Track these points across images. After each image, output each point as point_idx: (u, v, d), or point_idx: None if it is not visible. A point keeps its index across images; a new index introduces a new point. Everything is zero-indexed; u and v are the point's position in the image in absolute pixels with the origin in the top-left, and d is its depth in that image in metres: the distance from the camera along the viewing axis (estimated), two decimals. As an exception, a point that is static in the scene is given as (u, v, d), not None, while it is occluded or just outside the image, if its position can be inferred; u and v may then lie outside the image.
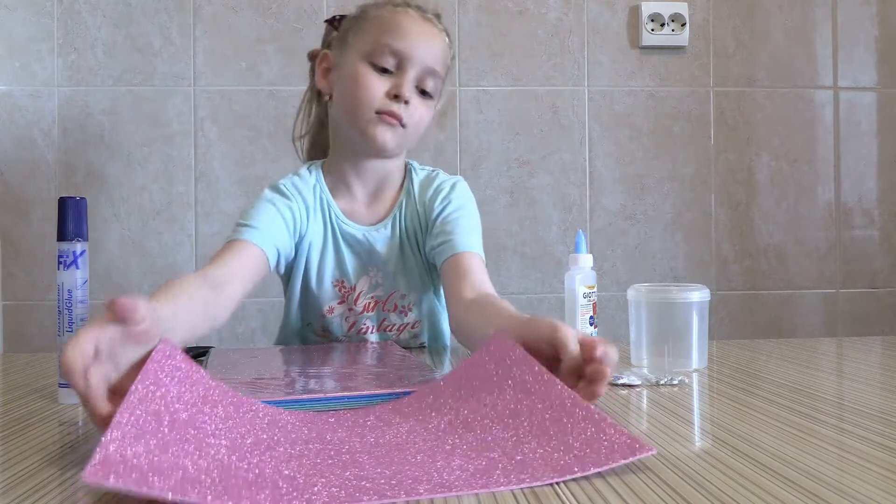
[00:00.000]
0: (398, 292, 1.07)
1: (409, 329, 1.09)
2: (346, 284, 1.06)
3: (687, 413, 0.67)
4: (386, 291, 1.07)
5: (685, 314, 0.87)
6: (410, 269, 1.07)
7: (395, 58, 0.98)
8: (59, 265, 0.73)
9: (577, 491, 0.45)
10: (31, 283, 1.56)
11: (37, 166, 1.56)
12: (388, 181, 1.08)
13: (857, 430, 0.59)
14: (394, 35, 0.98)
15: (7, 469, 0.52)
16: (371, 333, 1.07)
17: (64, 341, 0.72)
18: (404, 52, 0.98)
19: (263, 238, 0.97)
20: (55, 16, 1.56)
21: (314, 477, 0.47)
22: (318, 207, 1.05)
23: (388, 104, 0.98)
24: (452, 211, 1.04)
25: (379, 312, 1.07)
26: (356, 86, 0.99)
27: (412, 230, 1.06)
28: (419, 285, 1.08)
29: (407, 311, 1.08)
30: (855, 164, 1.69)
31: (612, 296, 1.62)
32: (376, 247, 1.05)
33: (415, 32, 0.99)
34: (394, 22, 0.99)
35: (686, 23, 1.63)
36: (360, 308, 1.06)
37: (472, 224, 1.05)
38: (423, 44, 0.99)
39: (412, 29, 0.99)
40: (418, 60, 0.98)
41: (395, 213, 1.06)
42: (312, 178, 1.07)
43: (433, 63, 1.00)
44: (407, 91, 0.98)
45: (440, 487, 0.45)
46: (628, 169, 1.65)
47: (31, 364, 0.96)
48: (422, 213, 1.06)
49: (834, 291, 1.69)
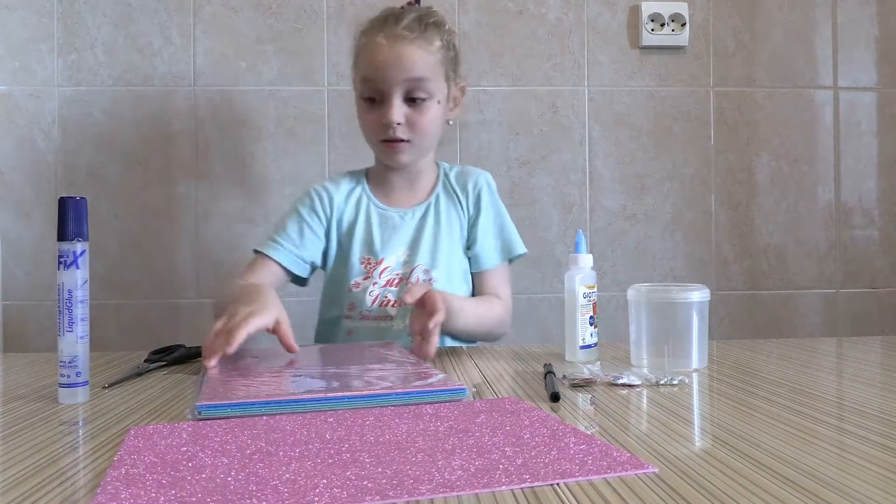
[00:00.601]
0: (422, 266, 1.17)
1: None
2: (371, 261, 1.17)
3: (687, 413, 0.67)
4: (410, 267, 1.17)
5: (685, 314, 0.87)
6: (439, 249, 1.18)
7: (376, 90, 1.12)
8: (59, 265, 0.73)
9: (577, 491, 0.45)
10: (31, 283, 1.56)
11: (37, 166, 1.56)
12: (421, 175, 1.23)
13: (857, 430, 0.59)
14: (369, 70, 1.12)
15: (7, 469, 0.52)
16: (392, 307, 1.15)
17: (65, 341, 0.72)
18: (380, 82, 1.11)
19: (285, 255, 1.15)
20: (55, 16, 1.56)
21: (315, 478, 0.47)
22: (354, 197, 1.22)
23: (385, 133, 1.13)
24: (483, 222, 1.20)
25: (402, 288, 1.15)
26: (361, 122, 1.17)
27: (450, 218, 1.21)
28: (446, 266, 1.18)
29: (428, 284, 1.14)
30: (855, 164, 1.69)
31: (612, 296, 1.62)
32: (406, 225, 1.19)
33: (385, 60, 1.11)
34: (368, 57, 1.13)
35: (686, 23, 1.63)
36: (383, 282, 1.16)
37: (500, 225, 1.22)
38: (395, 67, 1.10)
39: (381, 57, 1.11)
40: (396, 82, 1.11)
41: (431, 201, 1.21)
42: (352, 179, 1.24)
43: (413, 74, 1.11)
44: (394, 117, 1.11)
45: (441, 487, 0.45)
46: (628, 169, 1.65)
47: (31, 364, 0.96)
48: (462, 208, 1.22)
49: (834, 291, 1.69)
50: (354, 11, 1.59)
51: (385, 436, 0.58)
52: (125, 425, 0.64)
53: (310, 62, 1.59)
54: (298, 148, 1.59)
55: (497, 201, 1.24)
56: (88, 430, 0.63)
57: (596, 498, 0.44)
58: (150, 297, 1.57)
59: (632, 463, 0.50)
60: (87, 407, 0.71)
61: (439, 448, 0.54)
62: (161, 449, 0.55)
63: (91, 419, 0.67)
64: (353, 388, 0.70)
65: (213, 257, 1.58)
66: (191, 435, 0.59)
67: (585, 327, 0.93)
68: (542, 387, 0.78)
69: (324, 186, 1.22)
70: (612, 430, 0.61)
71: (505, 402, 0.70)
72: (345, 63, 1.59)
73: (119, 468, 0.50)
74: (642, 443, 0.56)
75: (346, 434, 0.58)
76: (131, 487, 0.46)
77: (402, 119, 1.12)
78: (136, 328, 1.57)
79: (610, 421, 0.64)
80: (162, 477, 0.48)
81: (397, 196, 1.22)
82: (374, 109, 1.13)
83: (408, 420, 0.63)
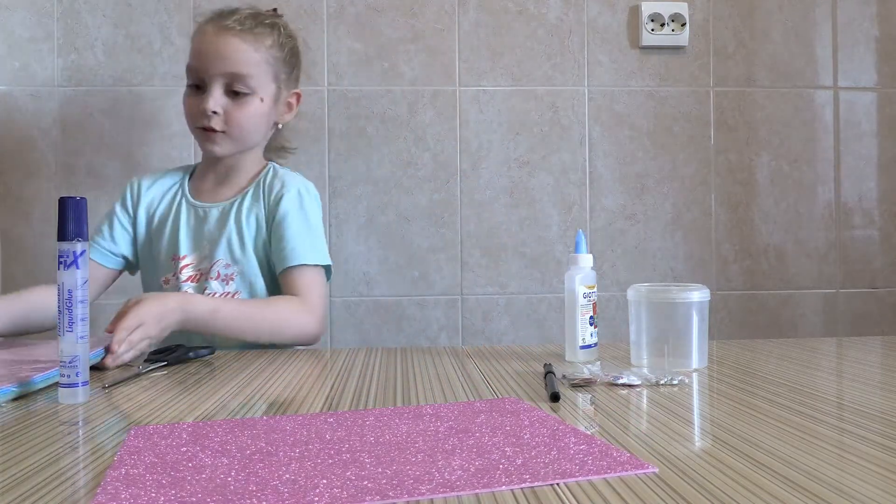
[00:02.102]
0: (222, 261, 1.18)
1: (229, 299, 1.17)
2: (177, 256, 1.20)
3: (687, 413, 0.67)
4: (210, 262, 1.18)
5: (685, 314, 0.87)
6: (239, 245, 1.18)
7: (197, 77, 1.16)
8: (59, 265, 0.73)
9: (577, 491, 0.45)
10: (31, 283, 1.55)
11: (37, 166, 1.56)
12: (237, 169, 1.23)
13: (857, 430, 0.59)
14: (194, 58, 1.17)
15: (7, 469, 0.52)
16: None
17: (65, 341, 0.72)
18: (202, 70, 1.15)
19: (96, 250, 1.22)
20: (55, 16, 1.56)
21: (315, 478, 0.47)
22: (171, 192, 1.25)
23: (201, 119, 1.15)
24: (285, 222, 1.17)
25: (202, 283, 1.18)
26: (184, 108, 1.20)
27: (253, 218, 1.19)
28: (244, 263, 1.18)
29: (229, 280, 1.18)
30: (855, 164, 1.69)
31: (612, 296, 1.62)
32: (210, 220, 1.20)
33: (207, 50, 1.14)
34: (193, 46, 1.17)
35: (686, 23, 1.63)
36: (183, 277, 1.18)
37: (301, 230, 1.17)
38: (216, 58, 1.14)
39: (205, 47, 1.15)
40: (216, 73, 1.14)
41: (239, 198, 1.21)
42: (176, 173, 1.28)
43: (233, 68, 1.14)
44: (211, 105, 1.14)
45: (441, 487, 0.45)
46: (628, 169, 1.65)
47: (31, 364, 0.96)
48: (266, 203, 1.20)
49: (834, 291, 1.69)
50: (354, 11, 1.59)
51: (385, 436, 0.58)
52: (125, 425, 0.64)
53: (310, 62, 1.58)
54: (298, 148, 1.58)
55: (305, 207, 1.20)
56: (88, 430, 0.63)
57: (596, 498, 0.44)
58: (150, 297, 1.57)
59: (632, 463, 0.50)
60: (87, 407, 0.71)
61: (439, 448, 0.54)
62: (161, 449, 0.55)
63: (91, 419, 0.67)
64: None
65: (213, 257, 1.57)
66: (191, 435, 0.59)
67: (585, 327, 0.93)
68: (542, 387, 0.78)
69: (140, 179, 1.27)
70: (612, 430, 0.61)
71: (505, 402, 0.70)
72: (345, 63, 1.59)
73: (119, 468, 0.50)
74: (642, 443, 0.56)
75: (346, 434, 0.58)
76: (131, 487, 0.46)
77: (220, 109, 1.15)
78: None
79: (610, 421, 0.64)
80: (162, 477, 0.48)
81: (212, 190, 1.24)
82: (195, 96, 1.16)
83: (408, 420, 0.63)
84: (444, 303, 1.61)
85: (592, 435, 0.58)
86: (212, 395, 0.77)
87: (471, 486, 0.46)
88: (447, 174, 1.61)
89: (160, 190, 1.26)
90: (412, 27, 1.60)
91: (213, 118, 1.15)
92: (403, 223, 1.59)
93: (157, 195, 1.25)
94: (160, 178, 1.27)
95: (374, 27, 1.59)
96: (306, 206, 1.20)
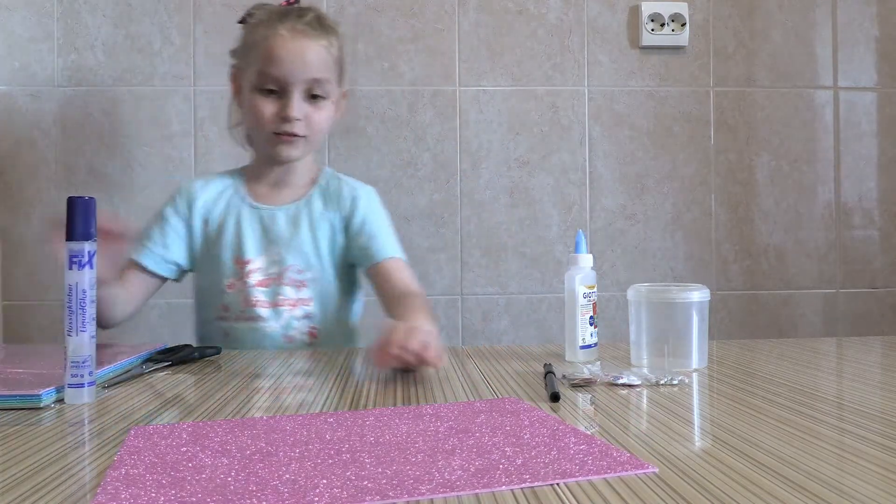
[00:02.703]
0: (294, 266, 1.16)
1: (302, 306, 1.17)
2: (241, 260, 1.16)
3: (687, 413, 0.67)
4: (282, 267, 1.16)
5: (685, 314, 0.87)
6: (312, 250, 1.17)
7: (275, 82, 1.10)
8: (71, 265, 0.72)
9: (577, 491, 0.45)
10: (31, 283, 1.56)
11: (37, 166, 1.56)
12: (295, 171, 1.21)
13: (857, 430, 0.59)
14: (270, 64, 1.10)
15: (7, 469, 0.52)
16: (263, 308, 1.15)
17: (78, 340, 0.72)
18: (283, 77, 1.10)
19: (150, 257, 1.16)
20: (55, 16, 1.56)
21: (315, 478, 0.47)
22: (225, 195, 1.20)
23: (281, 126, 1.11)
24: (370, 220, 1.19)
25: (274, 288, 1.16)
26: (253, 114, 1.13)
27: (326, 222, 1.18)
28: (318, 269, 1.17)
29: (302, 286, 1.16)
30: (855, 164, 1.69)
31: (612, 296, 1.62)
32: (278, 224, 1.17)
33: (288, 56, 1.10)
34: (268, 50, 1.10)
35: (686, 23, 1.63)
36: (253, 282, 1.15)
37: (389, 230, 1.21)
38: (298, 63, 1.10)
39: (285, 53, 1.10)
40: (298, 79, 1.10)
41: (305, 201, 1.19)
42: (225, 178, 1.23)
43: (314, 73, 1.11)
44: (294, 112, 1.10)
45: (442, 487, 0.45)
46: (628, 169, 1.65)
47: (32, 364, 0.96)
48: (344, 212, 1.19)
49: (834, 291, 1.69)
50: (354, 11, 1.59)
51: (385, 436, 0.58)
52: (125, 425, 0.64)
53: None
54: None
55: (380, 207, 1.23)
56: (89, 430, 0.63)
57: (596, 498, 0.44)
58: (150, 297, 1.57)
59: (632, 463, 0.50)
60: (88, 407, 0.71)
61: (439, 448, 0.54)
62: (161, 449, 0.55)
63: (92, 419, 0.67)
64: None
65: (214, 257, 1.58)
66: (191, 435, 0.59)
67: (585, 327, 0.93)
68: (542, 387, 0.78)
69: (190, 184, 1.22)
70: (612, 430, 0.61)
71: (505, 402, 0.70)
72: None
73: (119, 468, 0.50)
74: (642, 443, 0.56)
75: (346, 434, 0.58)
76: (131, 487, 0.46)
77: (302, 115, 1.12)
78: (135, 328, 1.56)
79: (610, 421, 0.64)
80: (162, 477, 0.48)
81: (272, 193, 1.20)
82: (270, 101, 1.11)
83: (408, 420, 0.63)
84: (444, 303, 1.61)
85: (592, 435, 0.58)
86: (213, 394, 0.77)
87: (471, 486, 0.46)
88: (447, 174, 1.61)
89: (214, 192, 1.21)
90: (412, 27, 1.61)
91: (297, 124, 1.11)
92: (403, 223, 1.59)
93: (211, 197, 1.20)
94: (211, 180, 1.23)
95: (374, 27, 1.60)
96: (380, 206, 1.24)
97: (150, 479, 0.48)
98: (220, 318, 1.17)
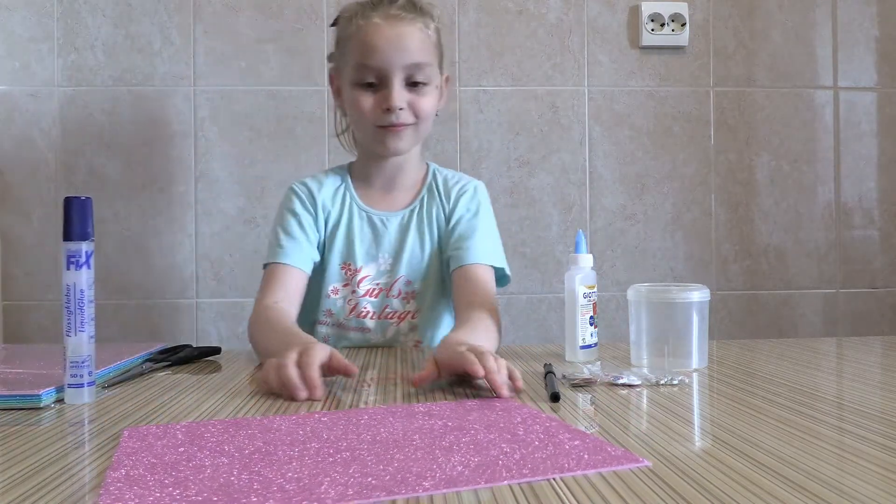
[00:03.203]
0: (404, 277, 1.12)
1: (409, 319, 1.12)
2: (351, 267, 1.12)
3: (687, 413, 0.67)
4: (391, 278, 1.12)
5: (685, 314, 0.87)
6: (422, 259, 1.12)
7: (374, 73, 1.05)
8: (68, 265, 0.72)
9: (577, 491, 0.45)
10: (31, 283, 1.56)
11: (37, 166, 1.56)
12: (404, 171, 1.15)
13: (857, 430, 0.59)
14: (367, 55, 1.04)
15: (7, 469, 0.52)
16: (370, 319, 1.11)
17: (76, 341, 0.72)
18: (381, 67, 1.04)
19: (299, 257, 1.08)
20: (55, 16, 1.56)
21: (318, 476, 0.48)
22: (339, 194, 1.15)
23: (384, 118, 1.06)
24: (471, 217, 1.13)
25: (382, 299, 1.12)
26: (355, 110, 1.08)
27: (434, 225, 1.14)
28: (427, 277, 1.12)
29: (410, 298, 1.12)
30: (855, 164, 1.69)
31: (612, 296, 1.62)
32: (389, 231, 1.13)
33: (385, 44, 1.04)
34: (364, 41, 1.05)
35: (686, 23, 1.63)
36: (362, 291, 1.11)
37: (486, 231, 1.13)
38: (396, 50, 1.04)
39: (381, 41, 1.04)
40: (398, 67, 1.04)
41: (416, 205, 1.14)
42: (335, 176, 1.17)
43: (414, 59, 1.05)
44: (396, 102, 1.04)
45: (445, 483, 0.46)
46: (628, 169, 1.65)
47: (32, 364, 0.96)
48: (447, 210, 1.14)
49: (834, 291, 1.69)
50: (354, 11, 1.59)
51: (381, 434, 0.58)
52: (126, 425, 0.64)
53: (310, 62, 1.58)
54: (298, 148, 1.59)
55: (487, 207, 1.17)
56: (89, 430, 0.63)
57: (595, 498, 0.44)
58: (150, 297, 1.57)
59: (626, 457, 0.51)
60: (88, 407, 0.71)
61: (437, 445, 0.54)
62: (158, 450, 0.55)
63: (92, 419, 0.67)
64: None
65: (213, 257, 1.58)
66: (186, 435, 0.59)
67: (585, 327, 0.93)
68: (542, 387, 0.78)
69: (305, 183, 1.15)
70: (612, 430, 0.61)
71: (495, 400, 0.70)
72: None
73: (118, 469, 0.50)
74: (642, 443, 0.56)
75: (343, 433, 0.58)
76: (134, 488, 0.46)
77: (405, 104, 1.05)
78: (135, 328, 1.57)
79: (610, 421, 0.64)
80: (164, 477, 0.48)
81: (381, 196, 1.15)
82: (371, 94, 1.06)
83: (402, 418, 0.63)
84: (444, 303, 1.61)
85: (584, 431, 0.59)
86: (213, 394, 0.77)
87: (473, 482, 0.46)
88: (447, 174, 1.61)
89: (329, 192, 1.14)
90: (412, 27, 1.60)
91: (401, 113, 1.05)
92: (403, 223, 1.59)
93: (328, 197, 1.14)
94: (323, 179, 1.16)
95: (374, 27, 1.59)
96: (485, 203, 1.17)
97: (151, 479, 0.48)
98: (321, 323, 1.13)
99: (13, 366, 0.87)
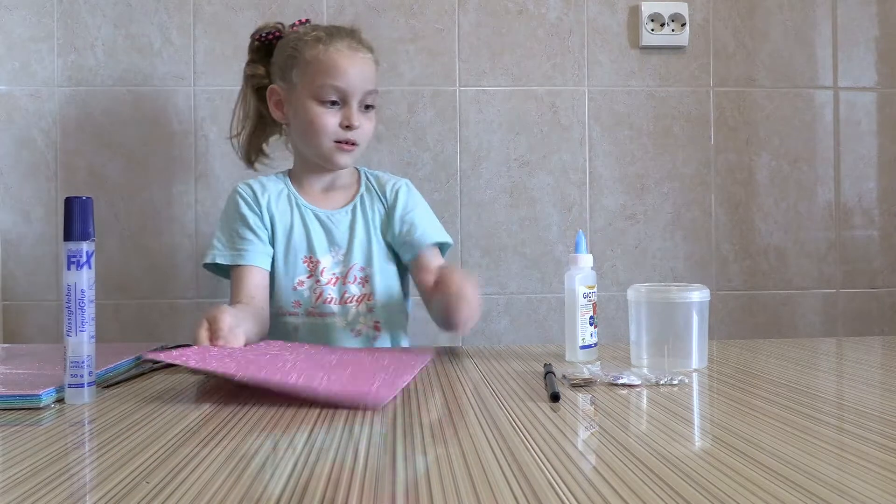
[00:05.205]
0: (357, 265, 1.24)
1: (366, 301, 1.24)
2: (313, 259, 1.24)
3: (687, 413, 0.67)
4: (346, 266, 1.24)
5: (685, 314, 0.87)
6: (372, 248, 1.25)
7: (338, 93, 1.18)
8: (69, 265, 0.72)
9: (577, 491, 0.45)
10: (31, 283, 1.56)
11: (37, 166, 1.56)
12: (341, 175, 1.29)
13: (857, 430, 0.59)
14: (333, 76, 1.18)
15: (7, 469, 0.52)
16: (334, 304, 1.22)
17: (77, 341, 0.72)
18: (345, 88, 1.18)
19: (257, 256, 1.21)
20: (55, 16, 1.56)
21: (314, 372, 0.79)
22: (283, 197, 1.26)
23: (342, 134, 1.19)
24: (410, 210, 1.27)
25: (340, 286, 1.23)
26: (312, 124, 1.19)
27: (377, 217, 1.28)
28: (376, 262, 1.25)
29: (364, 282, 1.24)
30: (855, 164, 1.69)
31: (612, 296, 1.62)
32: (338, 226, 1.25)
33: (349, 68, 1.18)
34: (330, 64, 1.18)
35: (686, 23, 1.63)
36: (325, 280, 1.23)
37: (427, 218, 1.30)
38: (358, 75, 1.19)
39: (346, 66, 1.18)
40: (358, 90, 1.19)
41: (357, 202, 1.27)
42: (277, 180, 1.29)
43: (369, 84, 1.21)
44: (355, 121, 1.19)
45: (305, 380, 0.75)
46: (628, 169, 1.65)
47: (32, 364, 0.96)
48: (383, 205, 1.29)
49: (834, 291, 1.69)
50: (354, 11, 1.59)
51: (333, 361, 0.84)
52: (125, 425, 0.64)
53: (310, 62, 1.58)
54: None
55: (419, 195, 1.32)
56: (89, 430, 0.63)
57: (595, 498, 0.44)
58: (150, 297, 1.57)
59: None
60: (88, 407, 0.71)
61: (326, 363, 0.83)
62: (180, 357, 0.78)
63: (92, 419, 0.67)
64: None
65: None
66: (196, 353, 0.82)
67: (585, 327, 0.93)
68: (543, 387, 0.78)
69: (249, 185, 1.26)
70: (612, 429, 0.61)
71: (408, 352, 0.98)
72: (345, 63, 1.59)
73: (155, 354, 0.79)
74: (642, 443, 0.56)
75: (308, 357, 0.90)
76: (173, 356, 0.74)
77: (361, 123, 1.20)
78: (135, 328, 1.57)
79: (610, 421, 0.64)
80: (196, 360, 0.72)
81: (322, 197, 1.28)
82: (330, 112, 1.19)
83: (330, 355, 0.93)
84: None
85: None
86: (213, 393, 0.77)
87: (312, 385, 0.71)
88: (447, 174, 1.61)
89: (273, 193, 1.26)
90: (412, 27, 1.61)
91: (355, 132, 1.19)
92: (403, 223, 1.59)
93: (272, 198, 1.25)
94: (266, 182, 1.27)
95: (374, 27, 1.59)
96: (418, 194, 1.33)
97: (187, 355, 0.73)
98: (291, 314, 1.22)
99: (13, 366, 0.87)
